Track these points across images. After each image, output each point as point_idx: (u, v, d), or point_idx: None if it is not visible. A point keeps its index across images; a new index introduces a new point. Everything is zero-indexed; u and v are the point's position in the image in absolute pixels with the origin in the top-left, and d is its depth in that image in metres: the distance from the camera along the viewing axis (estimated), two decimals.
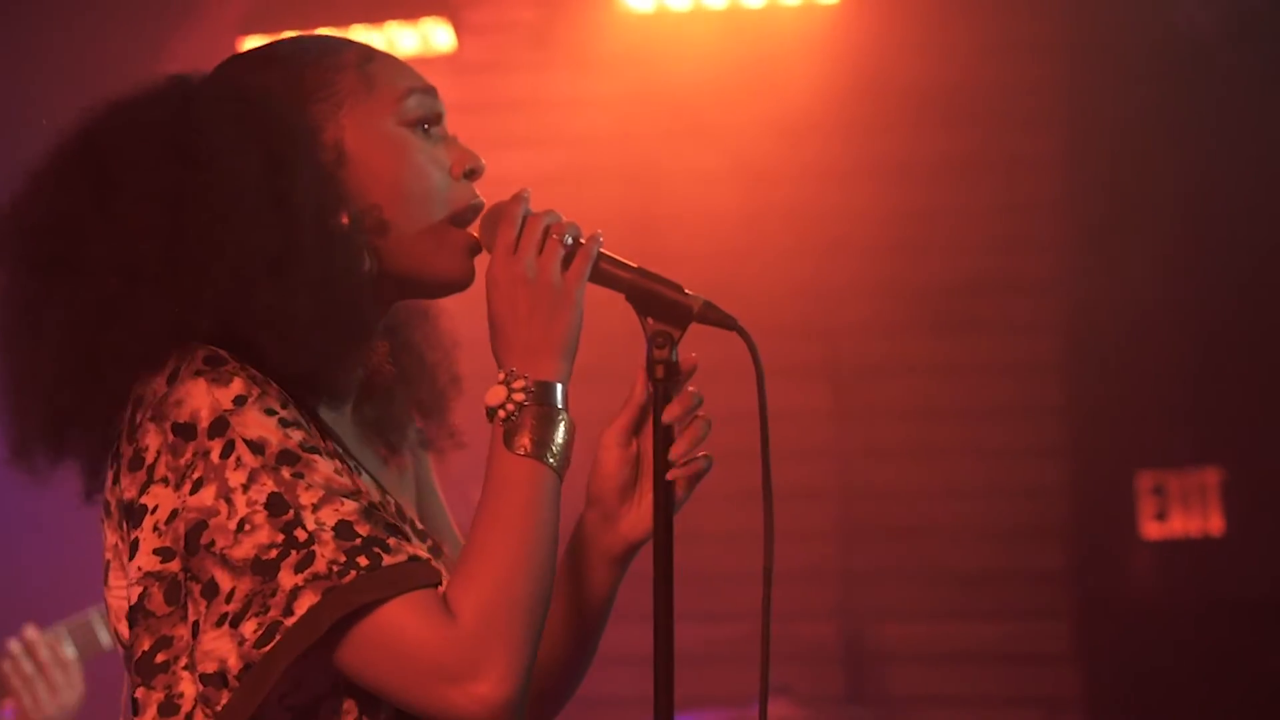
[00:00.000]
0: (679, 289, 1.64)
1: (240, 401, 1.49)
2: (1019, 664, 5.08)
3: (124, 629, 1.54)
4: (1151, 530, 5.00)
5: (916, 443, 5.15)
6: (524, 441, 1.55)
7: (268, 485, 1.46)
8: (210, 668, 1.47)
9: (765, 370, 1.64)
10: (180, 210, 1.51)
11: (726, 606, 4.48)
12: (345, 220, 1.57)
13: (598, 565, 1.71)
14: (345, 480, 1.51)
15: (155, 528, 1.49)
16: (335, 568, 1.45)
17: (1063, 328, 5.13)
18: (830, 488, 5.16)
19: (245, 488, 1.47)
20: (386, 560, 1.46)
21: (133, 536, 1.50)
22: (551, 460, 1.55)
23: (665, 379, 1.63)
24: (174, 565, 1.50)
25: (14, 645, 3.10)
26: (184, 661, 1.51)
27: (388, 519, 1.51)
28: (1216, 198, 4.93)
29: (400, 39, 5.22)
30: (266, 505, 1.46)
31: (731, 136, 5.18)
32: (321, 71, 1.62)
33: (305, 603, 1.44)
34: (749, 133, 5.16)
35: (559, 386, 1.57)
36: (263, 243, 1.51)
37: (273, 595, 1.44)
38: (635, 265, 1.65)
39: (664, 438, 1.63)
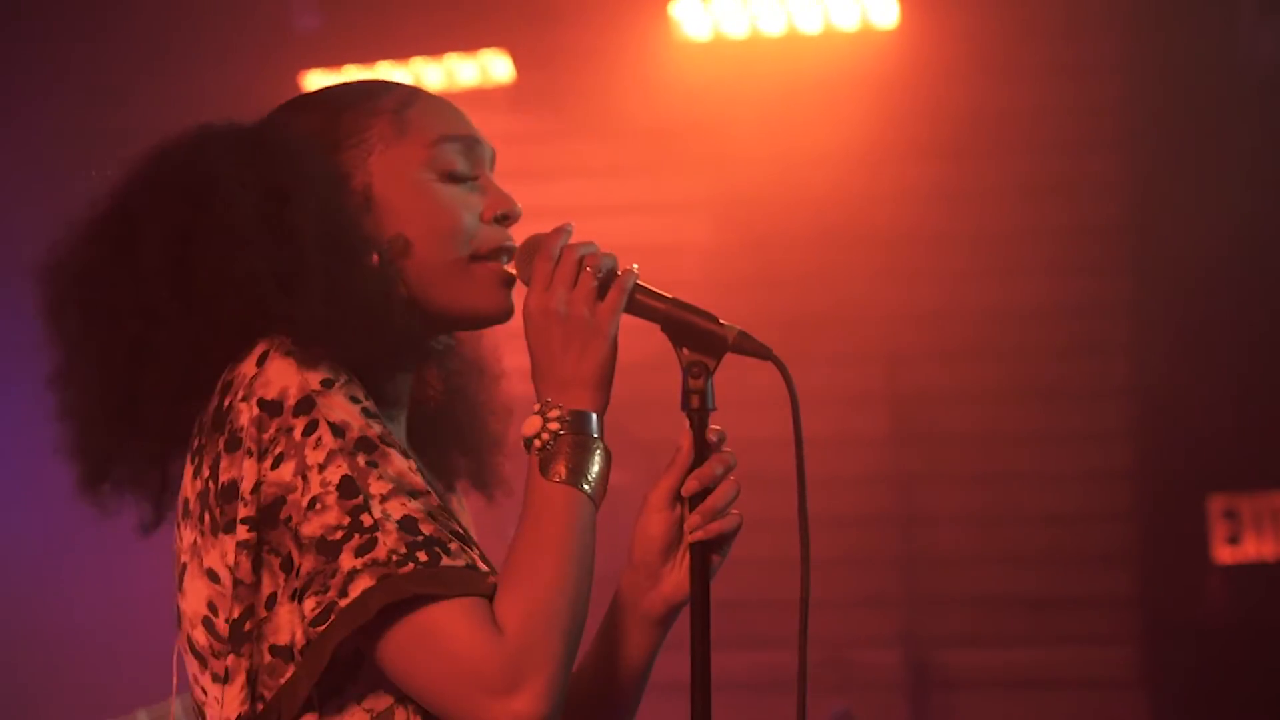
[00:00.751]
0: (714, 319, 1.64)
1: (328, 384, 1.53)
2: (1085, 690, 5.04)
3: (199, 635, 1.57)
4: (1224, 554, 4.95)
5: (980, 468, 5.13)
6: (560, 469, 1.56)
7: (342, 468, 1.50)
8: (281, 639, 1.51)
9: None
10: (189, 249, 1.56)
11: (780, 632, 4.46)
12: (375, 258, 1.61)
13: (638, 627, 1.71)
14: (417, 479, 1.53)
15: (243, 498, 1.52)
16: (395, 557, 1.47)
17: (1131, 351, 5.09)
18: (893, 514, 5.15)
19: (321, 467, 1.50)
20: (445, 561, 1.48)
21: (229, 515, 1.54)
22: (587, 488, 1.57)
23: (700, 409, 1.63)
24: (256, 535, 1.53)
25: None
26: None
27: (454, 526, 1.52)
28: None
29: (459, 70, 5.27)
30: (339, 487, 1.49)
31: (790, 162, 5.18)
32: (356, 117, 1.65)
33: (360, 586, 1.46)
34: (807, 159, 5.17)
35: (594, 416, 1.59)
36: (268, 266, 1.55)
37: (332, 576, 1.47)
38: (670, 296, 1.64)
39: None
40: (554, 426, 1.57)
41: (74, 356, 1.60)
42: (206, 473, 1.54)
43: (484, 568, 1.52)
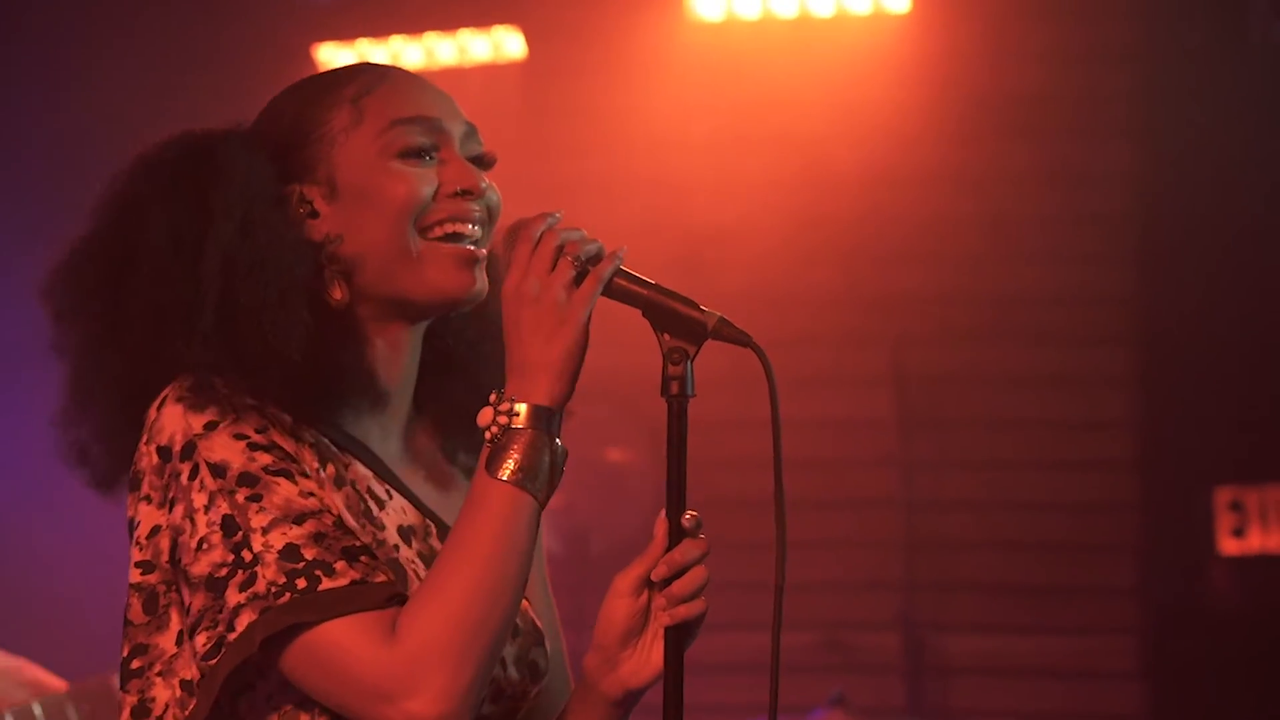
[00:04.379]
0: (695, 305, 1.62)
1: (210, 426, 1.56)
2: (1086, 680, 5.04)
3: (127, 684, 1.64)
4: (1229, 546, 4.95)
5: (984, 454, 5.13)
6: (506, 466, 1.56)
7: (223, 507, 1.53)
8: (187, 675, 1.58)
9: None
10: (123, 274, 1.61)
11: (803, 615, 4.45)
12: (320, 259, 1.64)
13: (597, 708, 1.71)
14: (310, 502, 1.55)
15: (138, 542, 1.58)
16: (273, 589, 1.51)
17: (1136, 340, 5.09)
18: (895, 498, 5.15)
19: (206, 509, 1.54)
20: (325, 584, 1.51)
21: (130, 554, 1.61)
22: (532, 487, 1.56)
23: (679, 395, 1.61)
24: (153, 578, 1.59)
25: None
26: (158, 668, 1.59)
27: (348, 543, 1.54)
28: None
29: (472, 46, 5.26)
30: (221, 526, 1.53)
31: (800, 144, 5.18)
32: (319, 110, 1.67)
33: (244, 620, 1.51)
34: (817, 140, 5.16)
35: (550, 410, 1.58)
36: (170, 297, 1.59)
37: (220, 611, 1.52)
38: (653, 282, 1.62)
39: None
40: (503, 420, 1.57)
41: (56, 355, 1.66)
42: (131, 513, 1.60)
43: (380, 578, 1.53)
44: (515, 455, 1.55)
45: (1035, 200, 5.13)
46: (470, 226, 1.66)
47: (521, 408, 1.57)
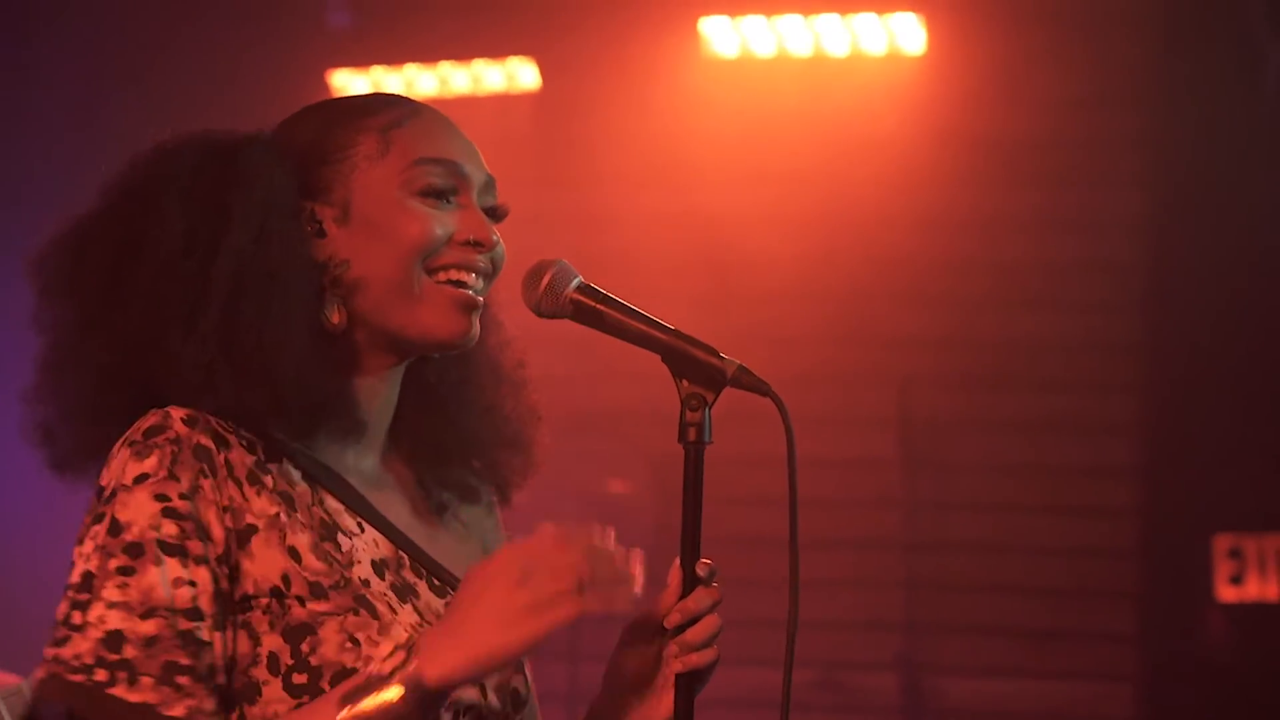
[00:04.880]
0: (714, 353, 1.61)
1: (140, 480, 1.54)
2: None
3: None
4: (1227, 594, 4.94)
5: (986, 497, 5.12)
6: (356, 713, 1.49)
7: (92, 562, 1.53)
8: None
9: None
10: (129, 263, 1.60)
11: (778, 654, 4.44)
12: (325, 279, 1.63)
13: None
14: (177, 594, 1.53)
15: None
16: (76, 662, 1.51)
17: (1141, 387, 5.09)
18: (896, 538, 5.14)
19: (85, 556, 1.54)
20: (117, 690, 1.49)
21: None
22: None
23: (697, 442, 1.60)
24: None
25: None
26: None
27: (175, 659, 1.51)
28: None
29: (486, 76, 5.29)
30: (80, 577, 1.53)
31: (811, 183, 5.19)
32: (346, 132, 1.66)
33: (40, 672, 1.51)
34: (828, 179, 5.18)
35: (438, 698, 1.50)
36: (176, 293, 1.58)
37: (43, 659, 1.52)
38: (673, 328, 1.62)
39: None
40: (394, 674, 1.50)
41: (40, 348, 1.64)
42: None
43: (177, 711, 1.51)
44: (374, 713, 1.49)
45: (1043, 245, 5.14)
46: (474, 276, 1.66)
47: (416, 681, 1.50)
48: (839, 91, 5.15)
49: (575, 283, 1.63)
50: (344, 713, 1.49)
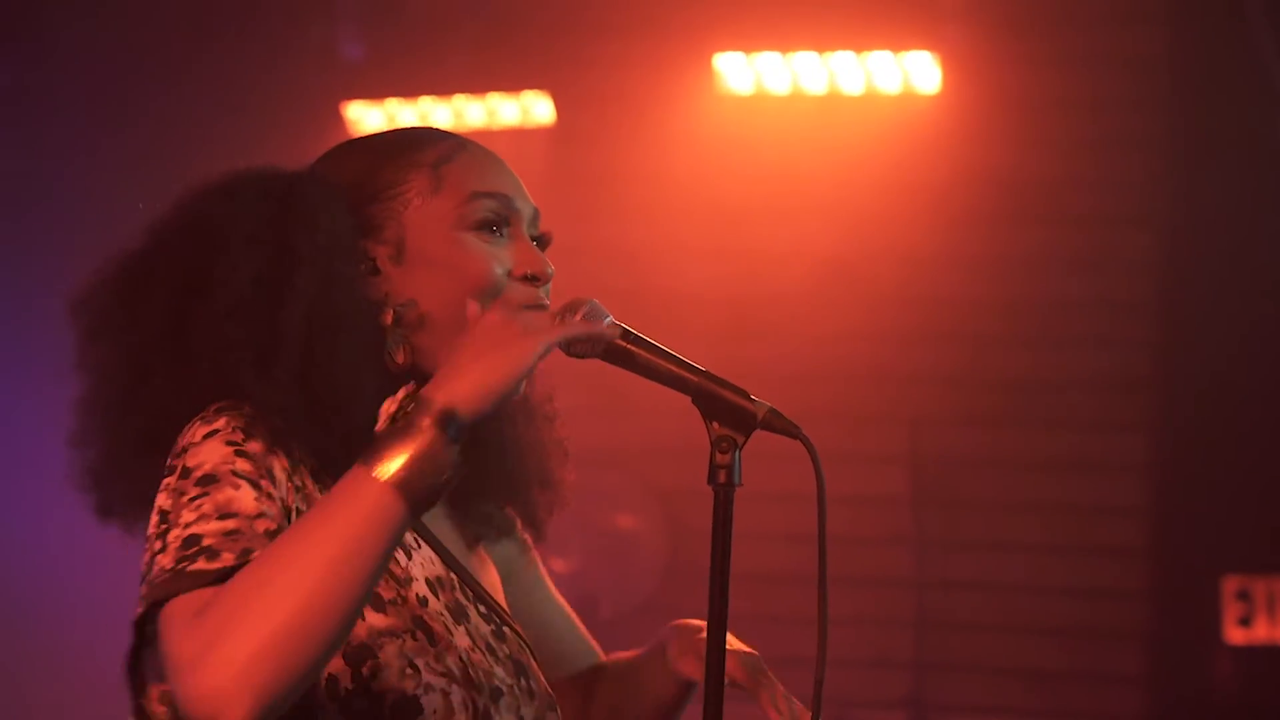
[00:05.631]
0: (745, 395, 1.62)
1: (210, 435, 1.52)
2: None
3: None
4: (1235, 636, 4.92)
5: (995, 536, 5.11)
6: (391, 462, 1.45)
7: (167, 503, 1.50)
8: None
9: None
10: (191, 302, 1.57)
11: (802, 689, 4.42)
12: (389, 316, 1.61)
13: (669, 682, 1.80)
14: (252, 506, 1.49)
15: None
16: (160, 576, 1.46)
17: (1151, 428, 5.08)
18: (905, 577, 5.13)
19: (159, 509, 1.51)
20: (195, 566, 1.45)
21: None
22: (412, 497, 1.45)
23: (726, 484, 1.61)
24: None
25: None
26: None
27: (253, 546, 1.46)
28: None
29: (501, 109, 5.30)
30: (157, 520, 1.50)
31: (823, 220, 5.20)
32: (395, 170, 1.66)
33: (139, 610, 1.48)
34: (841, 217, 5.18)
35: (459, 418, 1.47)
36: (250, 337, 1.56)
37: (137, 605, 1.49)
38: (703, 369, 1.62)
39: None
40: (410, 411, 1.49)
41: (86, 390, 1.62)
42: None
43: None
44: (405, 454, 1.46)
45: (1054, 284, 5.14)
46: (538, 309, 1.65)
47: (430, 403, 1.48)
48: (853, 129, 5.16)
49: (607, 322, 1.63)
50: (387, 473, 1.44)
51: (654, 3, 5.20)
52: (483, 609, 1.68)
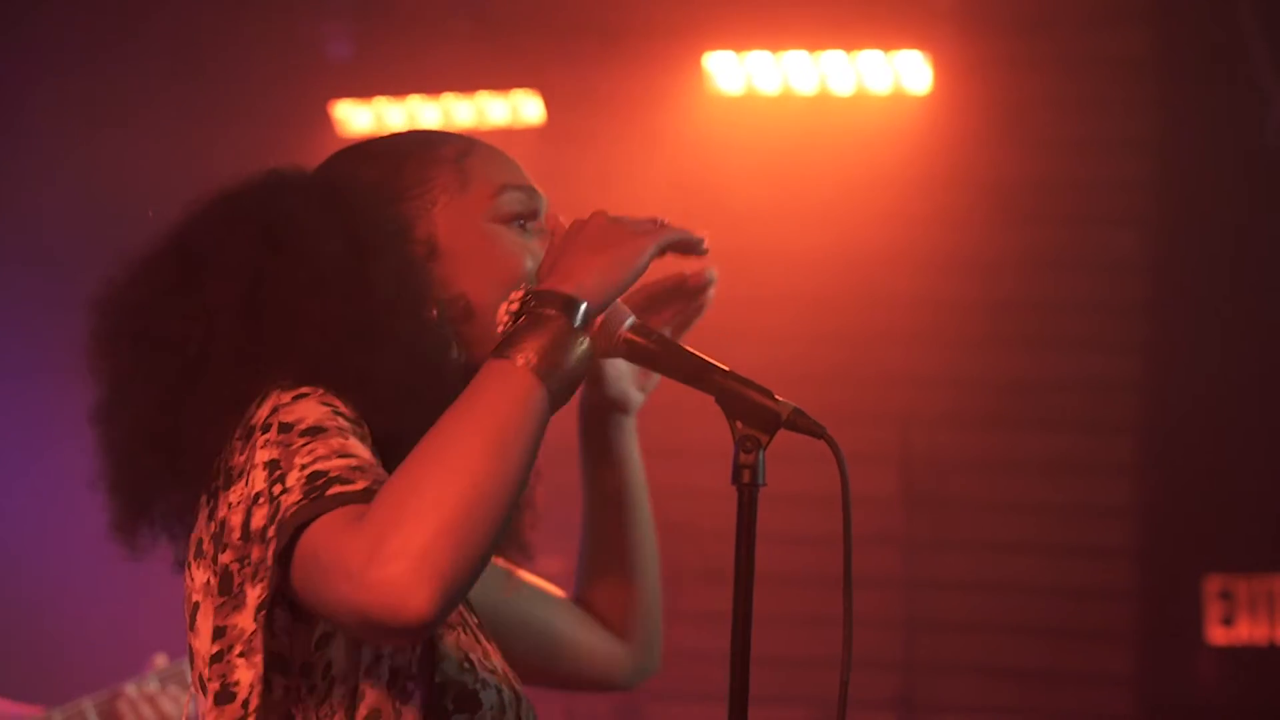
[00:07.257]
0: (769, 394, 1.62)
1: (300, 397, 1.49)
2: None
3: (209, 673, 1.54)
4: (1217, 635, 4.93)
5: (983, 537, 5.12)
6: (524, 350, 1.46)
7: (275, 454, 1.46)
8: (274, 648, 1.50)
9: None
10: (260, 288, 1.54)
11: (800, 690, 4.44)
12: (434, 313, 1.60)
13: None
14: (366, 455, 1.46)
15: (211, 530, 1.52)
16: (290, 511, 1.42)
17: (1137, 429, 5.09)
18: (895, 576, 5.13)
19: (263, 464, 1.46)
20: (331, 490, 1.41)
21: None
22: (551, 382, 1.46)
23: (751, 484, 1.61)
24: (226, 556, 1.49)
25: None
26: (238, 649, 1.50)
27: (380, 476, 1.44)
28: None
29: (490, 109, 5.29)
30: (266, 474, 1.45)
31: (813, 220, 5.20)
32: (418, 167, 1.65)
33: (274, 549, 1.43)
34: (831, 218, 5.18)
35: (582, 304, 1.50)
36: (347, 314, 1.53)
37: (263, 562, 1.45)
38: (727, 369, 1.62)
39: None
40: (532, 304, 1.49)
41: (119, 392, 1.57)
42: (221, 513, 1.51)
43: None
44: (537, 342, 1.47)
45: (1044, 285, 5.15)
46: None
47: (551, 294, 1.49)
48: (843, 129, 5.16)
49: (629, 322, 1.62)
50: (522, 359, 1.45)
51: (644, 2, 5.20)
52: (475, 621, 1.68)
